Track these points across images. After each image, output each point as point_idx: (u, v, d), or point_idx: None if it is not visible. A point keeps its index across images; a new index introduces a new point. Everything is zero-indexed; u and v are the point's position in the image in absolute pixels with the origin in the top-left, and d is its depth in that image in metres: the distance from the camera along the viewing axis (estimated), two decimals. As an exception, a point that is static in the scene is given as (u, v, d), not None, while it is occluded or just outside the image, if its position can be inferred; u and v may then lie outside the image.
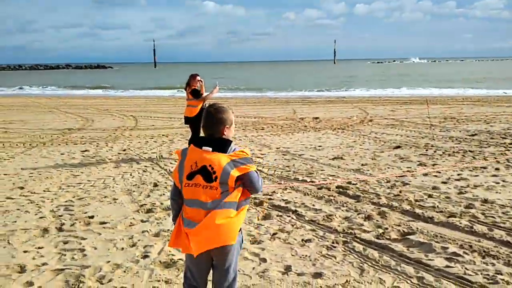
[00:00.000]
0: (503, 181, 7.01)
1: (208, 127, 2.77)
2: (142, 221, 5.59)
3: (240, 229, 2.83)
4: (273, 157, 9.37)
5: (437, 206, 5.84)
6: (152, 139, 12.17)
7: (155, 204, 6.26)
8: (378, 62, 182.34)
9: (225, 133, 2.77)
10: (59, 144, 11.48)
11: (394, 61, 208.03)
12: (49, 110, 21.23)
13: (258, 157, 9.36)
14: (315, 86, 40.31)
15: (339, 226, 5.26)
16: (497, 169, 7.76)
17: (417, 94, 30.07)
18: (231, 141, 2.76)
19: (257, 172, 2.75)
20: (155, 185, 7.31)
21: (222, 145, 2.69)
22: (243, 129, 13.72)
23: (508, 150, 9.37)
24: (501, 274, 3.93)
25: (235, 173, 2.62)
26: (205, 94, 8.99)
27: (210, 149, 2.66)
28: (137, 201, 6.45)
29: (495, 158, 8.55)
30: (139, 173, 8.18)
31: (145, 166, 8.71)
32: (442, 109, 18.49)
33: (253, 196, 6.42)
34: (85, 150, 10.55)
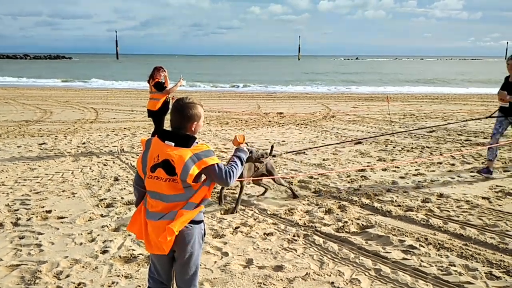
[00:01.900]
0: (458, 176, 7.28)
1: (176, 123, 2.73)
2: (101, 215, 5.49)
3: (203, 222, 2.82)
4: (236, 152, 9.36)
5: (395, 200, 6.01)
6: (113, 132, 11.93)
7: (115, 198, 6.16)
8: (344, 59, 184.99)
9: (193, 129, 2.74)
10: (15, 137, 11.08)
11: (357, 58, 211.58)
12: (5, 101, 20.43)
13: (222, 152, 9.34)
14: (280, 82, 40.54)
15: (300, 219, 5.34)
16: (452, 164, 8.05)
17: (378, 91, 30.74)
18: (195, 138, 2.72)
19: (219, 165, 2.69)
20: (116, 179, 7.18)
21: (186, 141, 2.66)
22: (207, 123, 13.66)
23: (464, 147, 9.73)
24: (454, 266, 4.09)
25: (194, 170, 2.59)
26: (169, 87, 8.89)
27: (173, 144, 2.64)
28: (96, 195, 6.32)
29: (451, 154, 8.86)
30: (99, 167, 8.01)
31: (106, 160, 8.54)
32: (402, 106, 18.98)
33: (215, 190, 6.41)
34: (43, 143, 10.23)
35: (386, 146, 9.90)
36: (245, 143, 3.08)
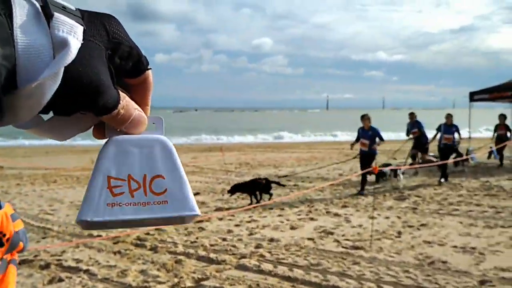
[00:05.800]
0: (287, 220, 7.78)
1: None
2: None
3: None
4: (65, 213, 8.63)
5: (230, 249, 6.13)
6: None
7: None
8: (180, 111, 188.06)
9: None
10: None
11: (196, 110, 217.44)
12: None
13: (48, 214, 8.52)
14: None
15: (133, 281, 5.06)
16: (282, 209, 8.60)
17: (217, 142, 31.87)
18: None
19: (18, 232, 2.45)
20: None
21: None
22: (31, 183, 12.37)
23: (292, 192, 10.50)
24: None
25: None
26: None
27: None
28: None
29: (281, 199, 9.48)
30: None
31: None
32: (238, 155, 19.89)
33: (39, 258, 5.79)
34: None
35: (223, 195, 10.15)
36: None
